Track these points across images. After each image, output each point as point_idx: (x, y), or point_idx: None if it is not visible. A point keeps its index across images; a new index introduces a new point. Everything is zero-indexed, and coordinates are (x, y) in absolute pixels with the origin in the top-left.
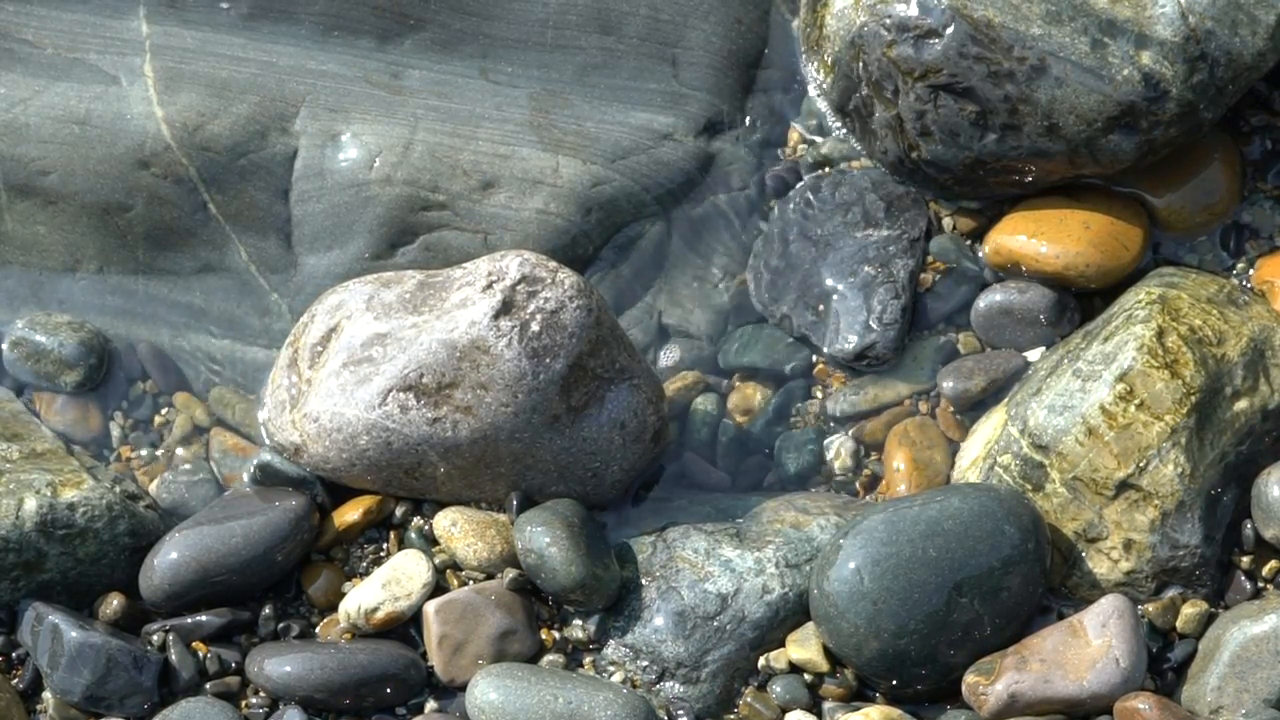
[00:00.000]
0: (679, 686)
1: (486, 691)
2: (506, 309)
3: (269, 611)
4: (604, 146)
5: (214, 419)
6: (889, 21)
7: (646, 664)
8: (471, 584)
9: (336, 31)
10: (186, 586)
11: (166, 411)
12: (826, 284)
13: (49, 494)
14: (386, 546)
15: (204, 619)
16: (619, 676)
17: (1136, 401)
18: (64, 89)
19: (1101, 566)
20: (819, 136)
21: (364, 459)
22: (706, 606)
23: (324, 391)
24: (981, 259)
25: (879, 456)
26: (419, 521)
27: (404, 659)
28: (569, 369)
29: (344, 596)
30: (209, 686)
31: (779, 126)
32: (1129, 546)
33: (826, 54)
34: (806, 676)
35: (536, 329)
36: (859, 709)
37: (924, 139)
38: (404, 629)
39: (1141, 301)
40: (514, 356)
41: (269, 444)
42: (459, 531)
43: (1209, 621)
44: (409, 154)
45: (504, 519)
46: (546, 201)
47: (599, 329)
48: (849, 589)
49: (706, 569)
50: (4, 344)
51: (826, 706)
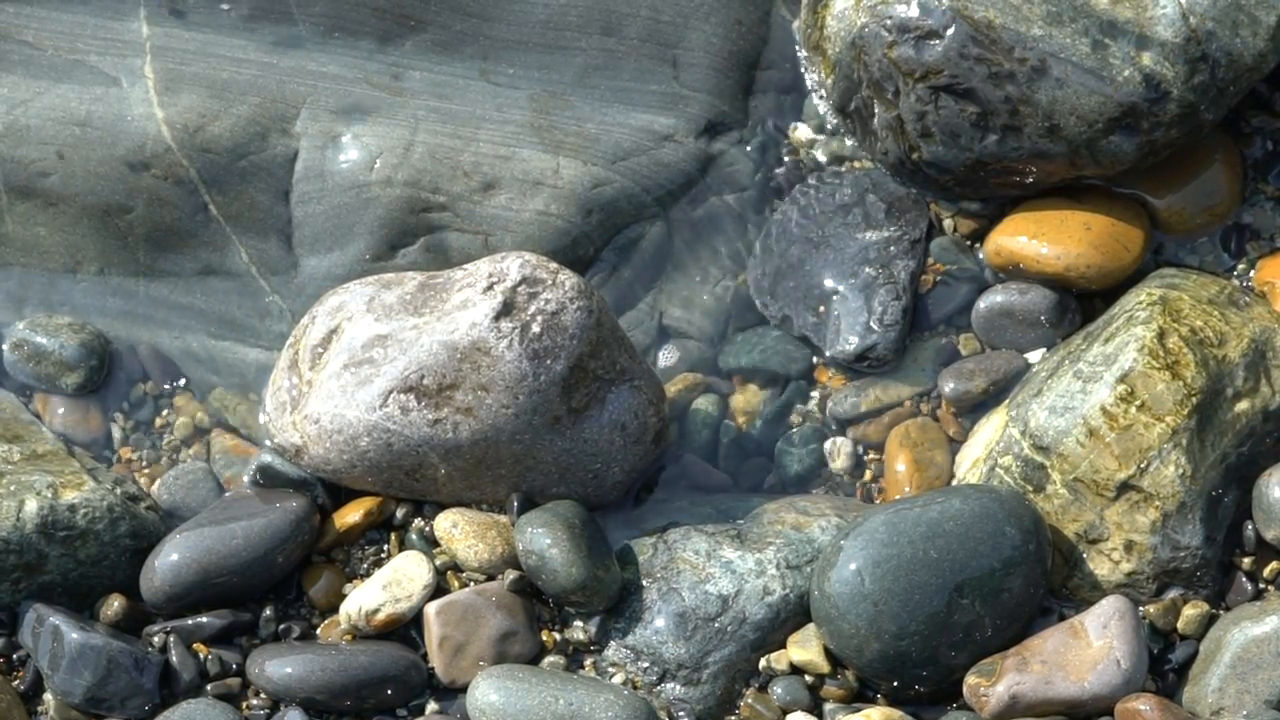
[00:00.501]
0: (680, 688)
1: (487, 693)
2: (507, 310)
3: (270, 613)
4: (605, 148)
5: (215, 420)
6: (890, 22)
7: (647, 665)
8: (472, 585)
9: (337, 33)
10: (187, 588)
11: (167, 413)
12: (827, 285)
13: (50, 495)
14: (387, 548)
15: (205, 620)
16: (620, 678)
17: (1137, 403)
18: (65, 91)
19: (1102, 568)
20: (820, 138)
21: (365, 460)
22: (707, 608)
23: (325, 393)
24: (982, 260)
25: (880, 458)
26: (420, 523)
27: (405, 660)
28: (570, 370)
29: (345, 598)
30: (210, 688)
31: (780, 128)
32: (1130, 548)
33: (827, 55)
34: (807, 678)
35: (537, 330)
36: (860, 710)
37: (925, 140)
38: (405, 630)
39: (1142, 303)
40: (515, 358)
41: (270, 445)
42: (460, 533)
43: (1210, 623)
44: (410, 155)
45: (505, 520)
46: (547, 203)
47: (600, 330)
48: (850, 590)
49: (707, 570)
50: (5, 345)
51: (827, 708)
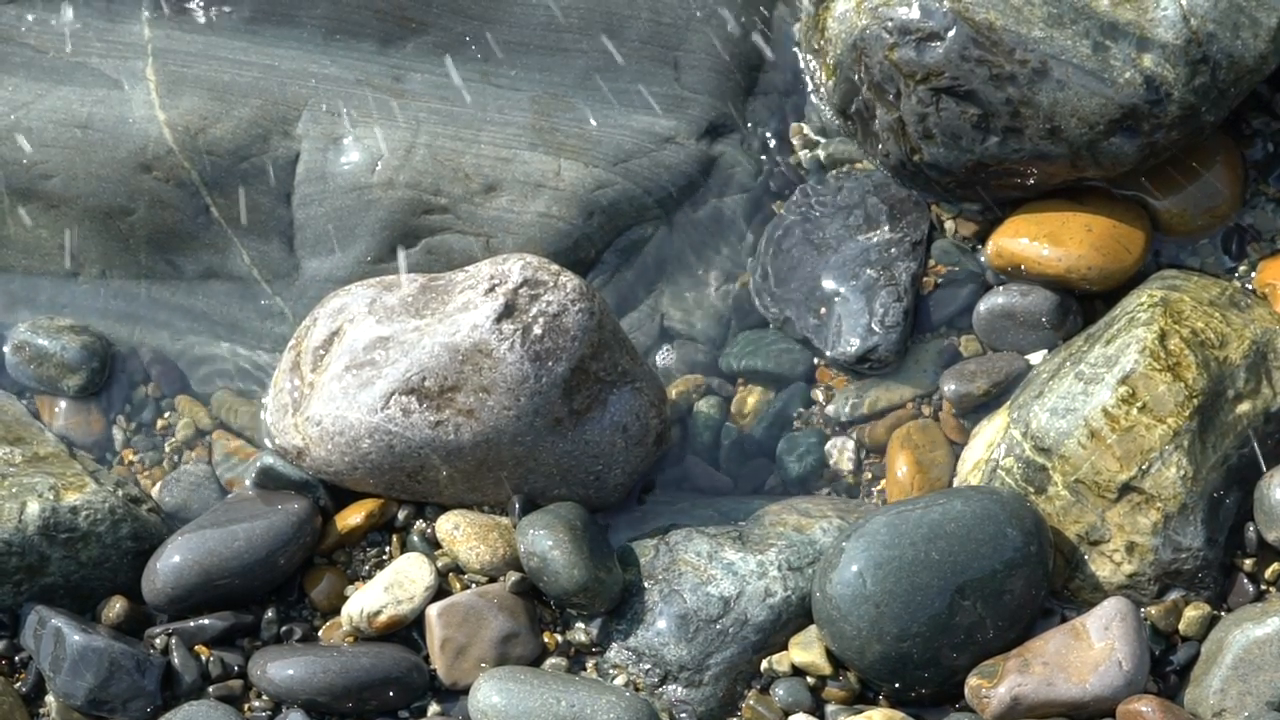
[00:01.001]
0: (682, 689)
1: (489, 695)
2: (509, 312)
3: (271, 615)
4: (606, 149)
5: (216, 422)
6: (891, 24)
7: (649, 667)
8: (474, 587)
9: (338, 35)
10: (189, 590)
11: (169, 415)
12: (828, 287)
13: (51, 497)
14: (389, 550)
15: (206, 622)
16: (621, 680)
17: (1139, 404)
18: (66, 93)
19: (1104, 569)
20: (821, 139)
21: (366, 462)
22: (709, 609)
23: (326, 395)
24: (983, 261)
25: (881, 459)
26: (421, 525)
27: (406, 662)
28: (571, 372)
29: (346, 600)
30: (212, 690)
31: (781, 129)
32: (1131, 549)
33: (828, 57)
34: (809, 679)
35: (539, 332)
36: (862, 712)
37: (926, 142)
38: (406, 632)
39: (1143, 304)
40: (516, 360)
41: (271, 447)
42: (461, 535)
43: (1212, 624)
44: (411, 157)
45: (506, 522)
46: (548, 205)
47: (601, 332)
48: (851, 592)
49: (709, 572)
50: (6, 347)
51: (829, 709)
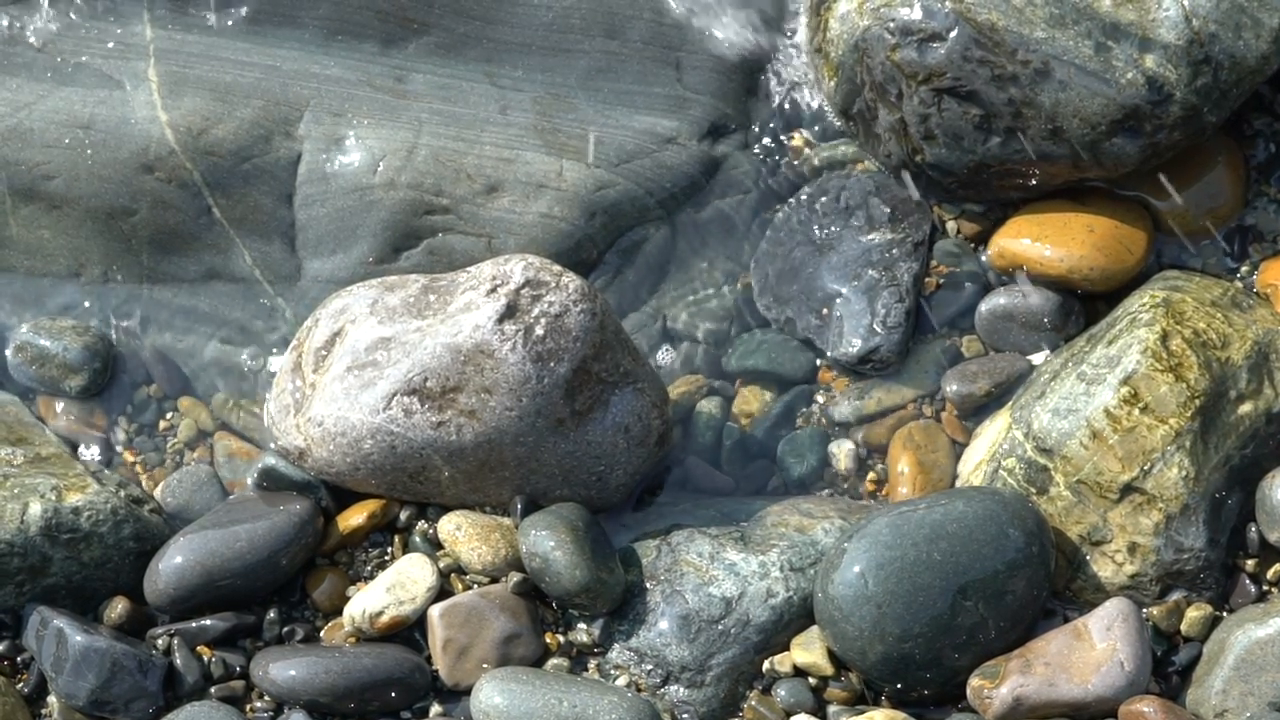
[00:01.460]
0: (684, 690)
1: (491, 695)
2: (511, 313)
3: (273, 615)
4: (608, 150)
5: (218, 423)
6: (893, 25)
7: (651, 668)
8: (476, 588)
9: (340, 35)
10: (191, 590)
11: (171, 416)
12: (830, 287)
13: (54, 498)
14: (391, 550)
15: (208, 623)
16: (624, 680)
17: (1141, 405)
18: (67, 93)
19: (1106, 570)
20: (823, 140)
21: (368, 463)
22: (711, 610)
23: (328, 395)
24: (985, 262)
25: (883, 460)
26: (423, 525)
27: (408, 663)
28: (573, 373)
29: (348, 600)
30: (214, 690)
31: (783, 130)
32: (1133, 550)
33: (830, 58)
34: (811, 680)
35: (541, 333)
36: (863, 713)
37: (928, 142)
38: (408, 633)
39: (1145, 305)
40: (518, 360)
41: (273, 448)
42: (463, 535)
43: (1214, 625)
44: (413, 158)
45: (508, 523)
46: (550, 205)
47: (603, 333)
48: (853, 592)
49: (711, 572)
50: (8, 348)
51: (831, 710)
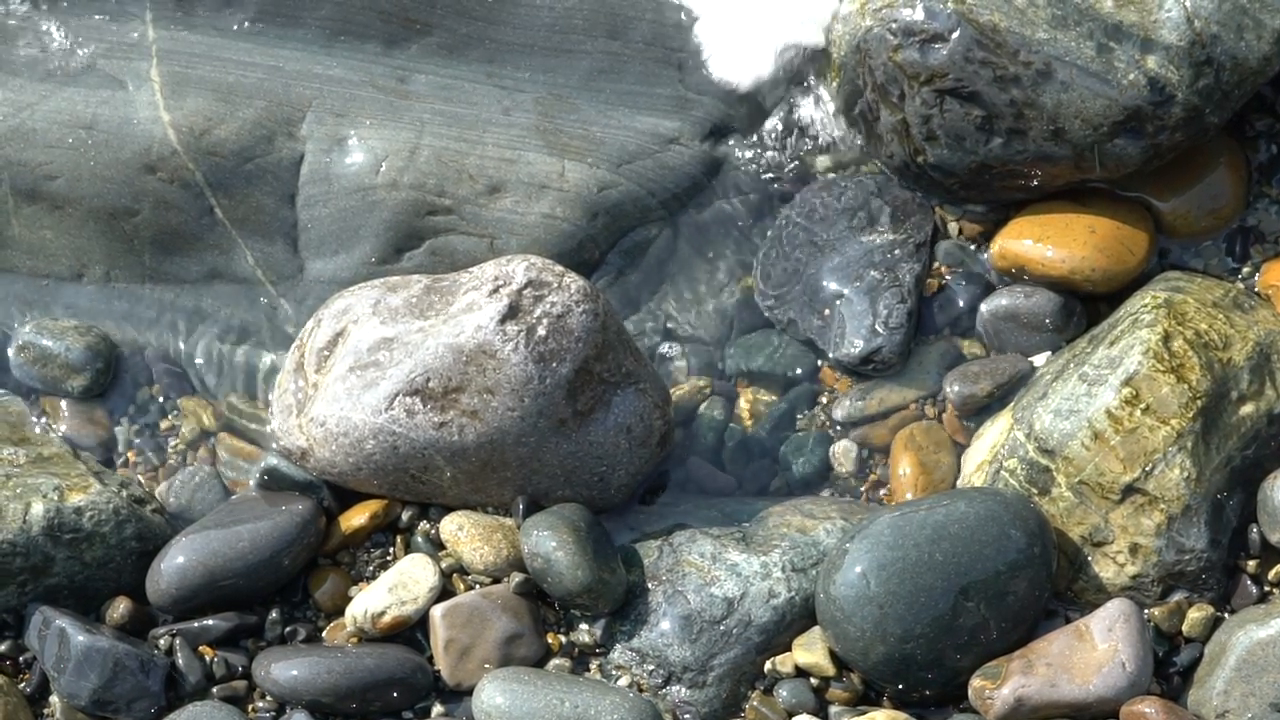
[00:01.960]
0: (685, 690)
1: (493, 695)
2: (513, 313)
3: (275, 616)
4: (610, 151)
5: (220, 423)
6: (895, 26)
7: (653, 668)
8: (478, 588)
9: (343, 36)
10: (193, 590)
11: (173, 416)
12: (832, 288)
13: (56, 498)
14: (393, 551)
15: (211, 623)
16: (625, 680)
17: (1142, 406)
18: (70, 94)
19: (1107, 570)
20: (825, 141)
21: (370, 463)
22: (713, 610)
23: (330, 396)
24: (987, 263)
25: (885, 460)
26: (425, 526)
27: (410, 663)
28: (575, 373)
29: (350, 601)
30: (215, 690)
31: (785, 131)
32: (1135, 550)
33: (832, 59)
34: (812, 680)
35: (543, 333)
36: (865, 713)
37: (930, 143)
38: (410, 633)
39: (1147, 306)
40: (520, 361)
41: (275, 448)
42: (465, 536)
43: (1215, 625)
44: (415, 158)
45: (510, 523)
46: (553, 206)
47: (605, 333)
48: (855, 593)
49: (713, 573)
50: (11, 349)
51: (833, 710)
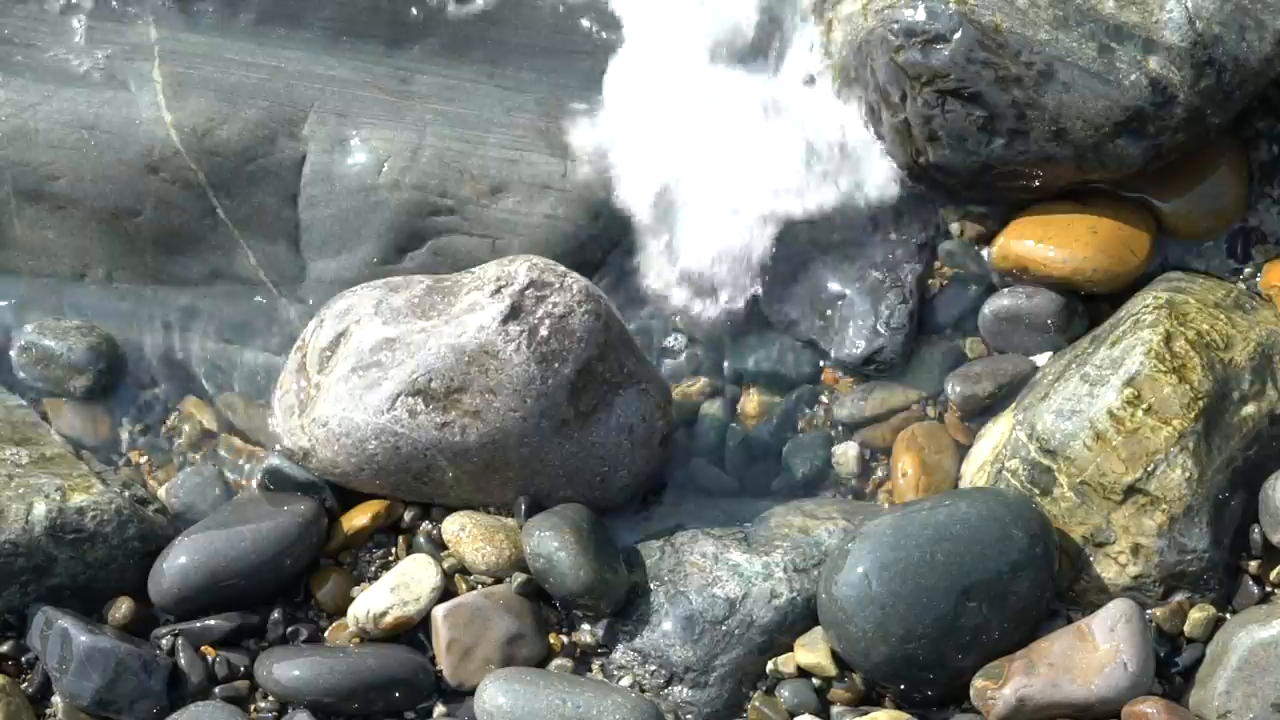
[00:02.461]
0: (687, 691)
1: (495, 696)
2: (515, 314)
3: (278, 616)
4: None
5: (223, 424)
6: (897, 27)
7: (655, 668)
8: (480, 588)
9: (345, 36)
10: (195, 591)
11: (175, 416)
12: (834, 289)
13: (58, 499)
14: (395, 551)
15: (213, 623)
16: (627, 681)
17: (1144, 406)
18: (73, 94)
19: (1109, 571)
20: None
21: (372, 463)
22: (715, 611)
23: (333, 396)
24: (989, 264)
25: (886, 461)
26: (427, 526)
27: (412, 663)
28: (577, 374)
29: (353, 601)
30: (218, 690)
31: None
32: (1137, 551)
33: (834, 59)
34: (814, 681)
35: (545, 334)
36: (867, 713)
37: (931, 144)
38: (412, 633)
39: (1149, 306)
40: (522, 361)
41: (278, 448)
42: (467, 536)
43: (1217, 626)
44: (417, 159)
45: (512, 523)
46: (555, 206)
47: (607, 334)
48: (857, 593)
49: (715, 573)
50: (13, 349)
51: (835, 711)
